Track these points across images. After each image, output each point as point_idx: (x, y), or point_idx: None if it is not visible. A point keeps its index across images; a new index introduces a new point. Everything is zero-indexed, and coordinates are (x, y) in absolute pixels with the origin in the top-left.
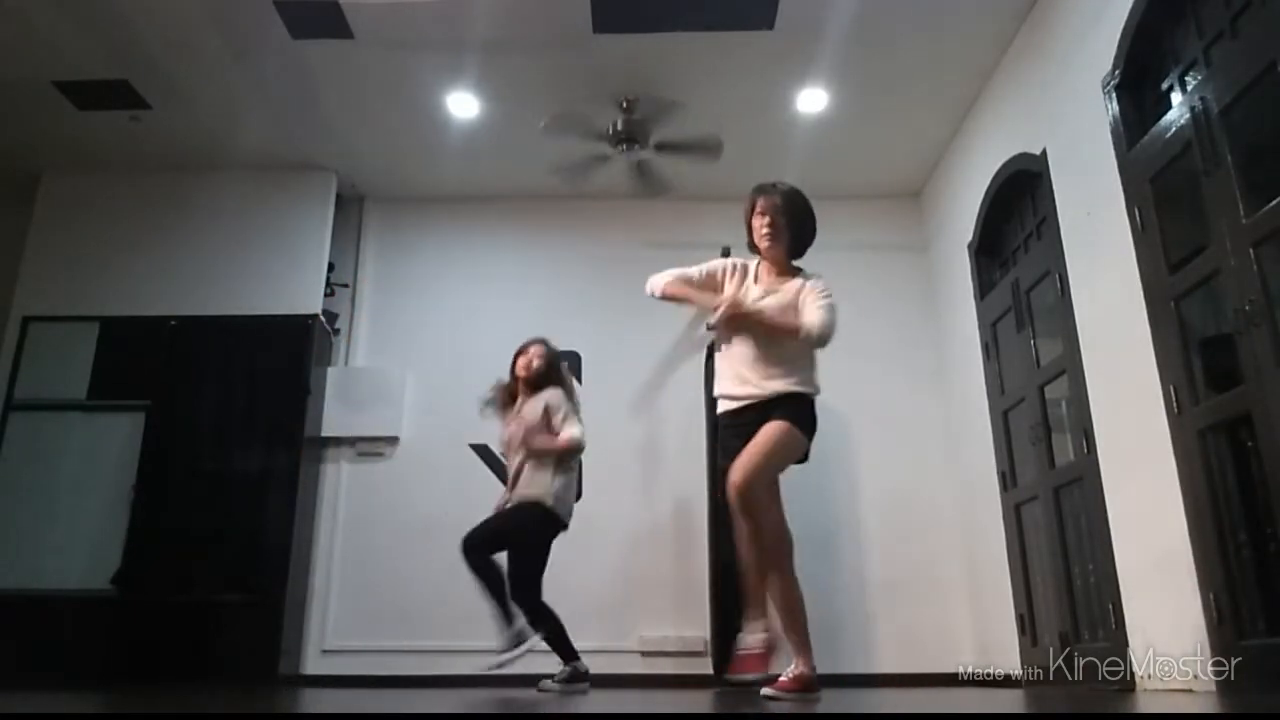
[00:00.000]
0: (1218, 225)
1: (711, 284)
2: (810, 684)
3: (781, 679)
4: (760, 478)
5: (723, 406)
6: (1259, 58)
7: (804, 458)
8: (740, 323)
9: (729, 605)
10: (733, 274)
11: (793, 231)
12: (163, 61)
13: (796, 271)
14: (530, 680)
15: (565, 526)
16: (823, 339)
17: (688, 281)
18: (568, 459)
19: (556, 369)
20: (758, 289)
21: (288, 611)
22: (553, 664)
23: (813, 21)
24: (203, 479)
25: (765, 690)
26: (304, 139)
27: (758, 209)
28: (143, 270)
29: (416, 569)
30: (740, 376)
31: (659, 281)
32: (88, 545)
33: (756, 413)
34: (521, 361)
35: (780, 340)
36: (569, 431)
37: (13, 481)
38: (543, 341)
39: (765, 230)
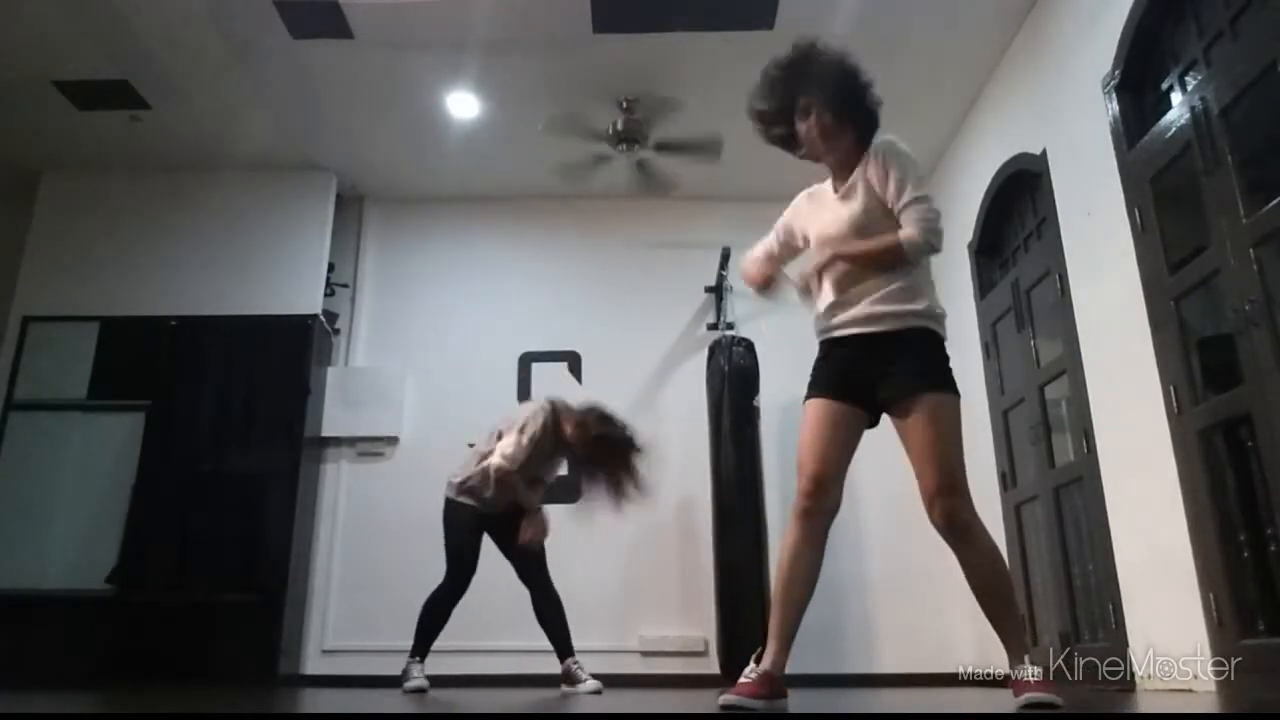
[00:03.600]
0: (1218, 225)
1: (791, 246)
2: None
3: None
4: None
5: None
6: (1259, 58)
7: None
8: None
9: (733, 605)
10: (809, 212)
11: (851, 114)
12: (163, 61)
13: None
14: (530, 681)
15: None
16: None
17: (771, 258)
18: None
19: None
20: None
21: (288, 611)
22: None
23: (813, 21)
24: (203, 479)
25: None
26: (304, 139)
27: (799, 113)
28: (143, 270)
29: (417, 569)
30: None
31: (749, 271)
32: (88, 545)
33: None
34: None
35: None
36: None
37: (12, 481)
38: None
39: (816, 136)
